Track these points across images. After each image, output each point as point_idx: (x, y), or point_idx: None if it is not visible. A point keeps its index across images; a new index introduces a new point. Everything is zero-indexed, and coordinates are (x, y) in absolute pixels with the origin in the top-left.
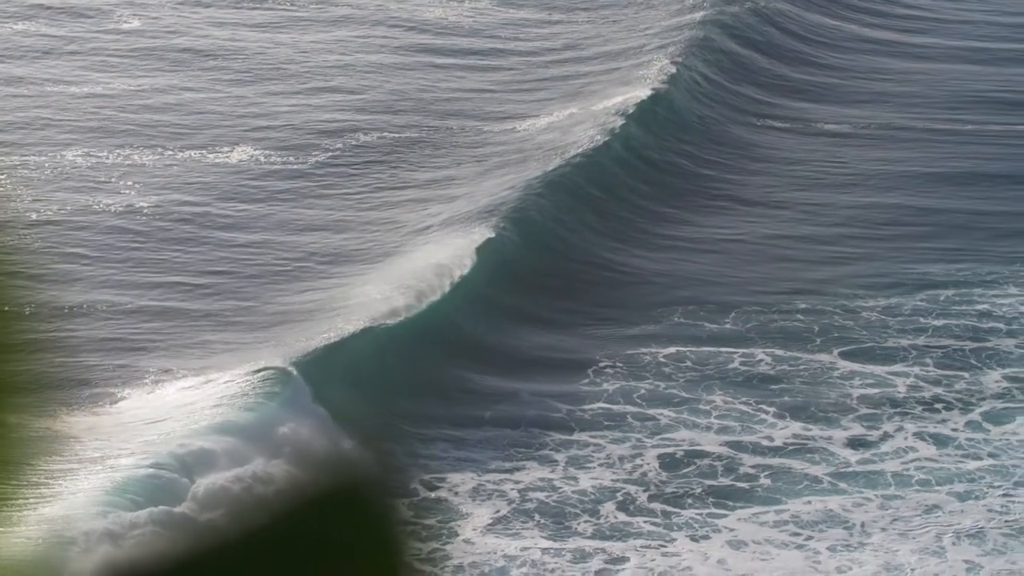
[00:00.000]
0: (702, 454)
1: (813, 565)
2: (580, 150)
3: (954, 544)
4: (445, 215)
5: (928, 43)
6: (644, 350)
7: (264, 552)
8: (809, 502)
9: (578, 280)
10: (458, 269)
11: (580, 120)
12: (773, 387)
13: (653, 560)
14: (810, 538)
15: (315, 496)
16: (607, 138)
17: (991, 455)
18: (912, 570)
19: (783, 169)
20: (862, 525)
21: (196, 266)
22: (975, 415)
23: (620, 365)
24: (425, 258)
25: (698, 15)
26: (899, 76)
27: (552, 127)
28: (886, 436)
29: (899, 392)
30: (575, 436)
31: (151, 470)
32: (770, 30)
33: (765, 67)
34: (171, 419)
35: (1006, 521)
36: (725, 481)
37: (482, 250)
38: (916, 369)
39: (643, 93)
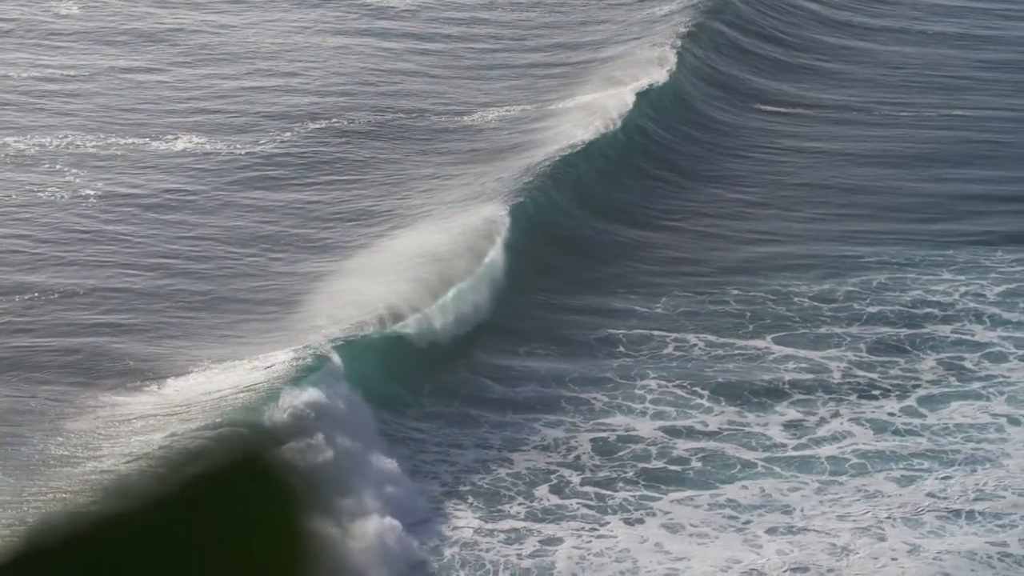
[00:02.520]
0: (636, 439)
1: (754, 549)
2: (533, 134)
3: (893, 527)
4: (397, 204)
5: (875, 25)
6: (576, 331)
7: (174, 525)
8: (745, 486)
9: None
10: (401, 246)
11: (530, 110)
12: (707, 371)
13: (588, 543)
14: (749, 521)
15: (227, 472)
16: (555, 122)
17: (928, 440)
18: (854, 553)
19: (723, 147)
20: (801, 509)
21: (147, 254)
22: (911, 400)
23: (553, 347)
24: (370, 243)
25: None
26: (842, 56)
27: (505, 117)
28: (822, 421)
29: (834, 378)
30: (509, 418)
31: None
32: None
33: (720, 40)
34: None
35: (944, 505)
36: (659, 464)
37: (429, 230)
38: (850, 355)
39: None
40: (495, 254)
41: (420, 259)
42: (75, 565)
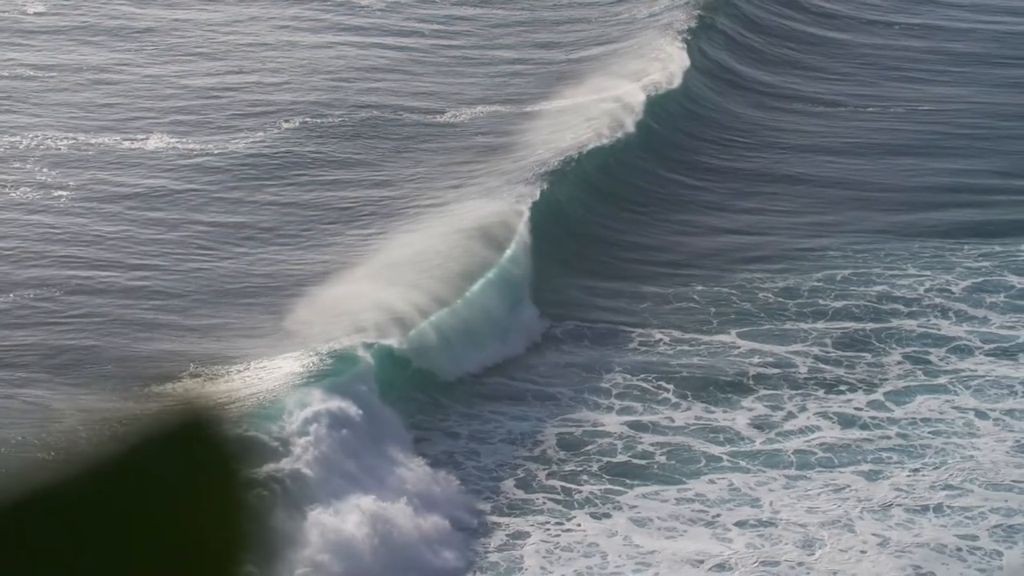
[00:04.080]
0: (602, 433)
1: (723, 542)
2: (513, 133)
3: (862, 520)
4: (365, 204)
5: (848, 14)
6: (542, 323)
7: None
8: (713, 480)
9: None
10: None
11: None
12: (673, 366)
13: (556, 536)
14: (718, 515)
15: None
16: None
17: (896, 434)
18: (823, 546)
19: (697, 137)
20: (770, 503)
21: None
22: (878, 395)
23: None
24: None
25: None
26: (815, 47)
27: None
28: (790, 416)
29: (800, 373)
30: (476, 410)
31: None
32: None
33: (709, 33)
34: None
35: (913, 498)
36: (626, 459)
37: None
38: (816, 349)
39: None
40: (479, 251)
41: (404, 258)
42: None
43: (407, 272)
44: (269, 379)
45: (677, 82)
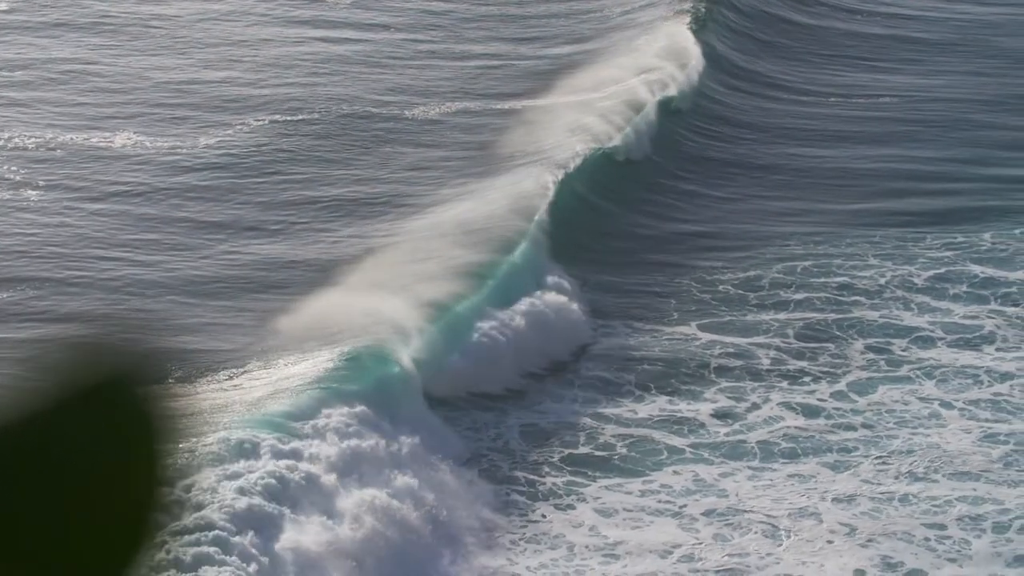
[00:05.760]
0: (565, 425)
1: (691, 533)
2: (490, 130)
3: (829, 511)
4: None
5: None
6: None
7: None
8: (678, 472)
9: None
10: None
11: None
12: (635, 358)
13: (522, 527)
14: (684, 506)
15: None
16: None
17: (861, 424)
18: (790, 537)
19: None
20: (736, 494)
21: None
22: (841, 385)
23: None
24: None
25: None
26: (785, 32)
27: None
28: (753, 407)
29: (763, 364)
30: (446, 399)
31: None
32: None
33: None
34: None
35: (879, 488)
36: (587, 450)
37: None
38: (778, 341)
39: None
40: (465, 248)
41: (391, 257)
42: None
43: (396, 271)
44: (268, 381)
45: (655, 68)
